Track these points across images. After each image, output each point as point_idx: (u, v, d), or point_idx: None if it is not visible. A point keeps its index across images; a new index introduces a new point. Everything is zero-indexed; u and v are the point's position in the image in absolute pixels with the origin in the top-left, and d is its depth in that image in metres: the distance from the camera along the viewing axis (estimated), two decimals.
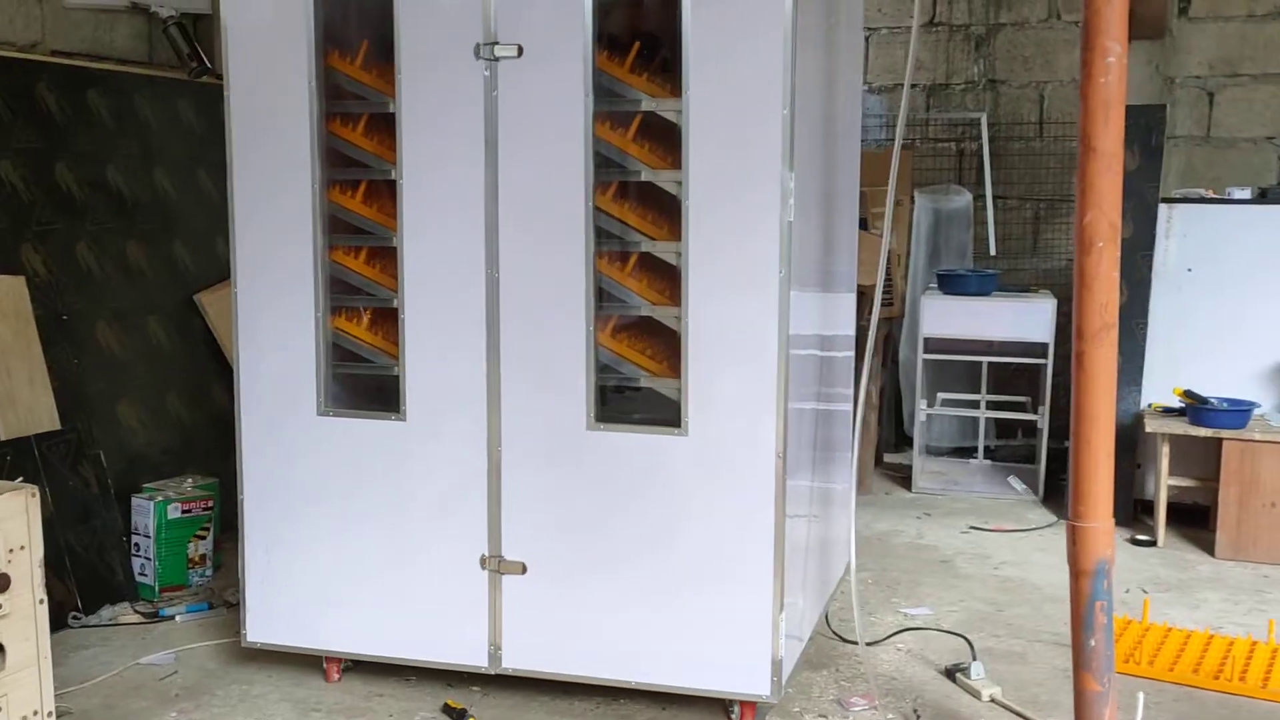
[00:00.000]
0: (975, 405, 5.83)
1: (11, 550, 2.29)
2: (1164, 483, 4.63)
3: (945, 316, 5.42)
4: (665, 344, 2.95)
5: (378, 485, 3.03)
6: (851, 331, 3.97)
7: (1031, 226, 6.44)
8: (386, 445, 3.01)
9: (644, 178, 2.92)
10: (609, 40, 2.93)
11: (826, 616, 3.60)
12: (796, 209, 2.74)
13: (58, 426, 3.73)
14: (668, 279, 2.94)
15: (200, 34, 5.03)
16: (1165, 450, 4.61)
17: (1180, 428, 4.56)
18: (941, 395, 5.87)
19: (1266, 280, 4.80)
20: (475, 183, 2.91)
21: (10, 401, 3.62)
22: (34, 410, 3.69)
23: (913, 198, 6.13)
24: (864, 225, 5.74)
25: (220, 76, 4.90)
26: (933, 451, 6.09)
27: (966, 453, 6.09)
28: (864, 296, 5.20)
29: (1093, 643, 2.50)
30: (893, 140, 6.49)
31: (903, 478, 5.69)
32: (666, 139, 2.91)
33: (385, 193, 3.09)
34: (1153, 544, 4.61)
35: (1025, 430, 6.08)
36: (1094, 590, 2.49)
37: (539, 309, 2.91)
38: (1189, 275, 4.92)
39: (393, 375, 3.07)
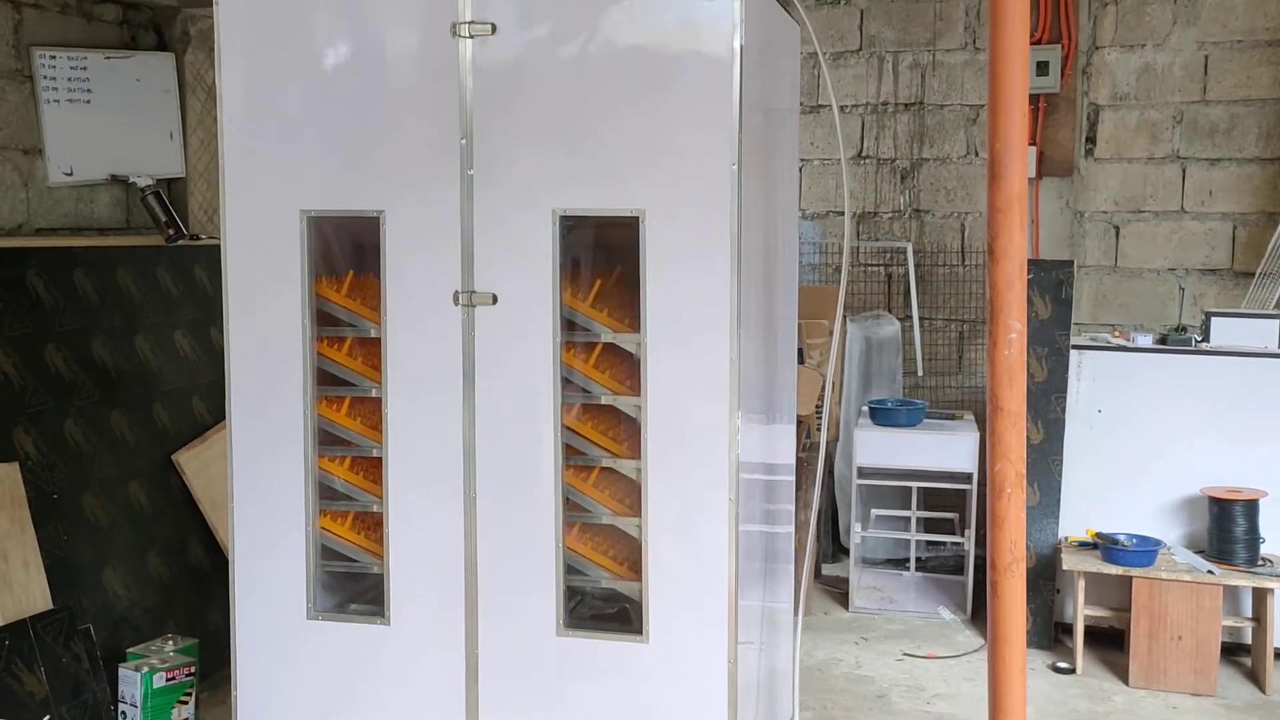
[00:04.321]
0: (907, 520, 6.21)
1: None
2: (1081, 614, 5.03)
3: (877, 447, 5.82)
4: (628, 549, 3.28)
5: (365, 684, 3.30)
6: (792, 460, 4.28)
7: (956, 346, 6.88)
8: (372, 647, 3.29)
9: (604, 401, 3.26)
10: (573, 276, 3.26)
11: None
12: (742, 383, 3.08)
13: (50, 606, 3.95)
14: (629, 491, 3.26)
15: (175, 196, 5.30)
16: (1081, 585, 5.01)
17: (1094, 565, 4.97)
18: (875, 512, 6.25)
19: (1170, 420, 5.24)
20: (454, 406, 3.22)
21: (7, 586, 3.84)
22: (29, 592, 3.91)
23: (845, 325, 6.53)
24: (799, 357, 6.13)
25: (196, 237, 5.21)
26: (868, 562, 6.46)
27: (900, 563, 6.46)
28: (801, 424, 5.59)
29: None
30: (826, 266, 6.93)
31: (840, 593, 6.04)
32: (627, 364, 3.24)
33: (369, 407, 3.39)
34: (1072, 671, 5.00)
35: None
36: None
37: (512, 522, 3.21)
38: (1099, 415, 5.35)
39: (375, 573, 3.36)
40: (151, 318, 4.78)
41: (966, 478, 5.73)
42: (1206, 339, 5.26)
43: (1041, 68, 6.42)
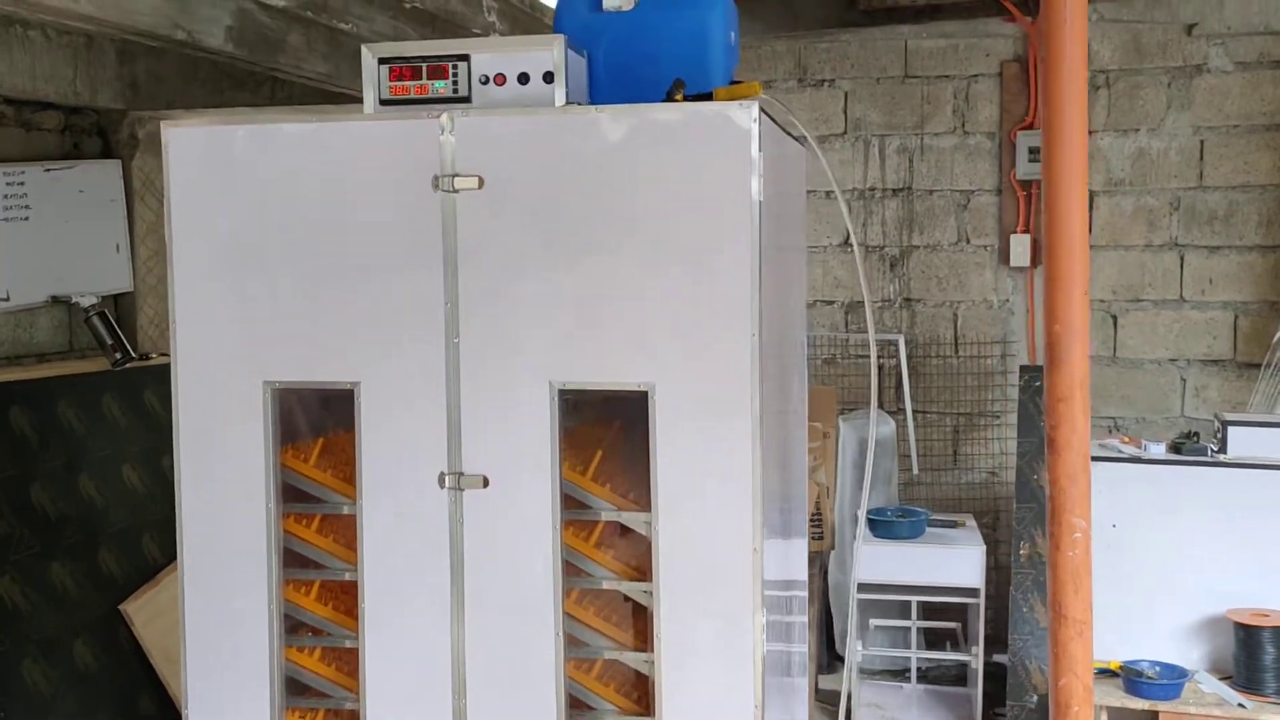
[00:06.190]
0: (907, 631, 5.89)
1: None
2: None
3: (878, 562, 5.50)
4: None
5: None
6: (805, 575, 3.95)
7: (952, 441, 6.59)
8: None
9: (606, 585, 2.91)
10: (568, 439, 2.92)
11: None
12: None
13: None
14: (638, 685, 2.91)
15: (123, 312, 4.91)
16: (1104, 719, 4.70)
17: (1117, 698, 4.67)
18: (874, 622, 5.93)
19: (1189, 535, 4.96)
20: (440, 597, 2.86)
21: None
22: None
23: (838, 426, 6.22)
24: None
25: (146, 356, 4.83)
26: (866, 673, 6.12)
27: (900, 674, 6.13)
28: None
29: None
30: (814, 359, 6.63)
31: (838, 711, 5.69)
32: (632, 540, 2.90)
33: (342, 590, 3.03)
34: None
35: (954, 643, 6.12)
36: None
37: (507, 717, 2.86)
38: (1114, 531, 5.06)
39: None
40: (97, 452, 4.39)
41: (972, 592, 5.43)
42: (1223, 449, 5.00)
43: (1034, 153, 6.19)
